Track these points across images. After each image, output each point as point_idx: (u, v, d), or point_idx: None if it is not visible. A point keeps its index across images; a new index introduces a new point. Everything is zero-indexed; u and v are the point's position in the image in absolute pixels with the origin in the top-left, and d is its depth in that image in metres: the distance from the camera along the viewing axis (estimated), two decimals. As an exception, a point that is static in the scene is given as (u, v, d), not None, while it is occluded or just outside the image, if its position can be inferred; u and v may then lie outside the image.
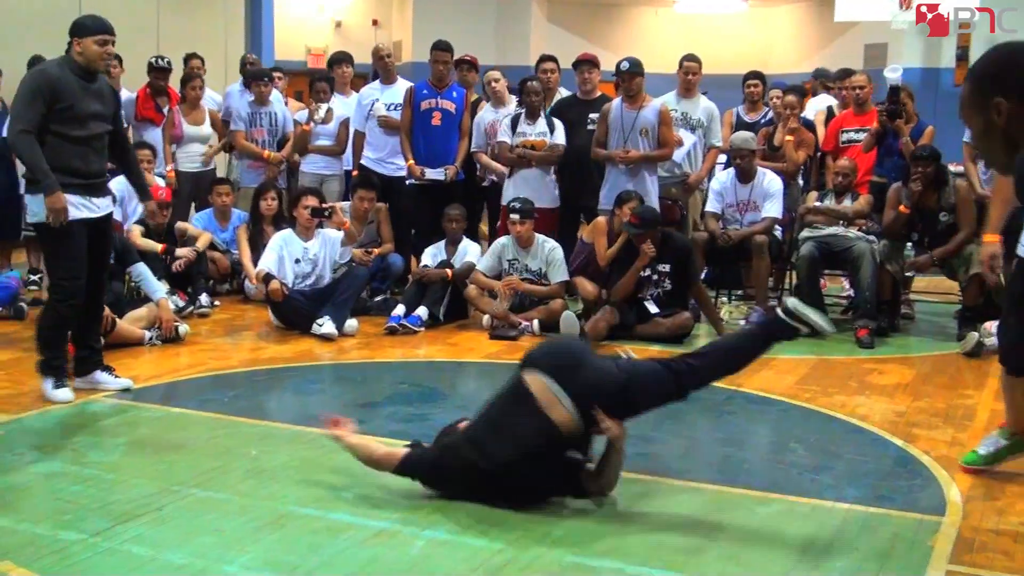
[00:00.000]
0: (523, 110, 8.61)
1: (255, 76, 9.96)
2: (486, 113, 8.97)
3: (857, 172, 8.41)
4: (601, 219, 8.06)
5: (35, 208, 5.49)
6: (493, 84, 9.16)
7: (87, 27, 5.54)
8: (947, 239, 7.74)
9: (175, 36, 12.37)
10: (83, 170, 5.52)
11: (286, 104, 10.22)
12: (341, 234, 7.91)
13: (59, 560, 3.59)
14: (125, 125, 9.56)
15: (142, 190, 6.24)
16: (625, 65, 8.16)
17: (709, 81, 9.19)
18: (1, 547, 3.69)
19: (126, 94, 9.84)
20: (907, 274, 8.19)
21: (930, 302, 9.12)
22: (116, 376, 5.93)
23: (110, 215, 5.88)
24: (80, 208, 5.52)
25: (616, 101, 8.32)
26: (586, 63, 8.93)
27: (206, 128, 9.80)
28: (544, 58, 9.48)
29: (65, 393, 5.57)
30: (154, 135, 9.60)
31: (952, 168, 8.00)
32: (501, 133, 8.60)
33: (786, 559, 3.76)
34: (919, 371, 6.88)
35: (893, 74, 8.69)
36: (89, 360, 5.88)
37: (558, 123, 8.54)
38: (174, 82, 10.04)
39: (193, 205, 9.74)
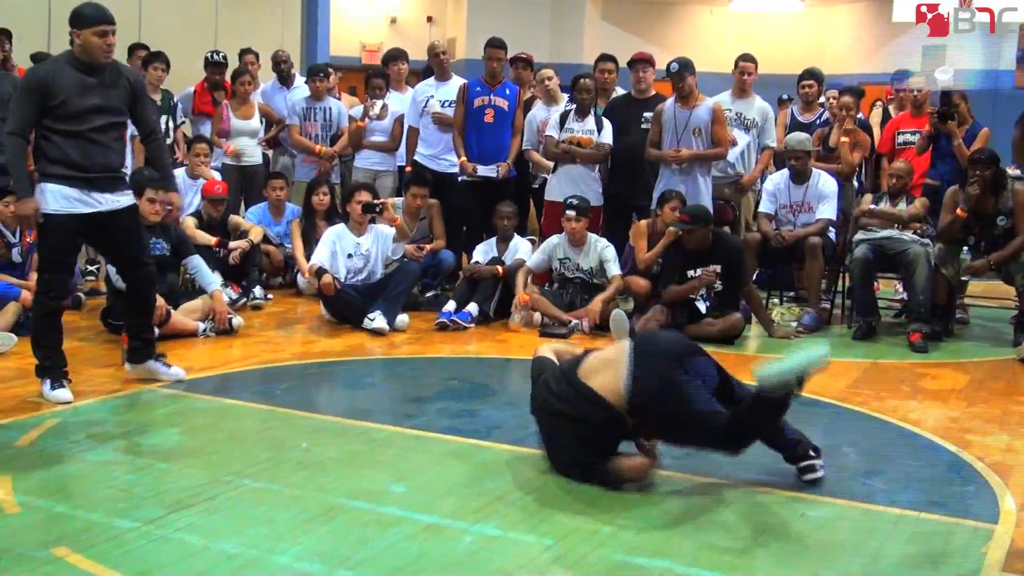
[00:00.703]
0: (573, 106, 8.60)
1: (311, 72, 10.05)
2: (538, 111, 8.98)
3: (913, 175, 8.31)
4: (642, 222, 8.05)
5: (40, 199, 5.36)
6: (546, 82, 9.16)
7: (86, 17, 5.34)
8: (1004, 243, 7.63)
9: (232, 32, 12.47)
10: (82, 163, 5.36)
11: (339, 99, 10.29)
12: (393, 230, 7.94)
13: (114, 547, 3.64)
14: (183, 119, 9.74)
15: (165, 180, 6.18)
16: (675, 67, 8.11)
17: (763, 81, 9.12)
18: (57, 533, 3.74)
19: (186, 89, 9.99)
20: (962, 278, 8.09)
21: (986, 307, 9.00)
22: (169, 366, 5.98)
23: (127, 209, 5.65)
24: (74, 203, 5.38)
25: (669, 101, 8.29)
26: (641, 62, 8.89)
27: (255, 122, 9.87)
28: (603, 57, 9.43)
29: (64, 393, 5.45)
30: (211, 129, 9.71)
31: (1011, 171, 7.88)
32: (549, 128, 8.60)
33: (836, 564, 3.73)
34: (973, 376, 6.79)
35: (944, 76, 8.62)
36: (143, 351, 5.91)
37: (606, 122, 8.52)
38: (227, 77, 10.14)
39: (242, 199, 9.82)
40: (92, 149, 5.41)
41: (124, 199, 5.64)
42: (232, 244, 8.39)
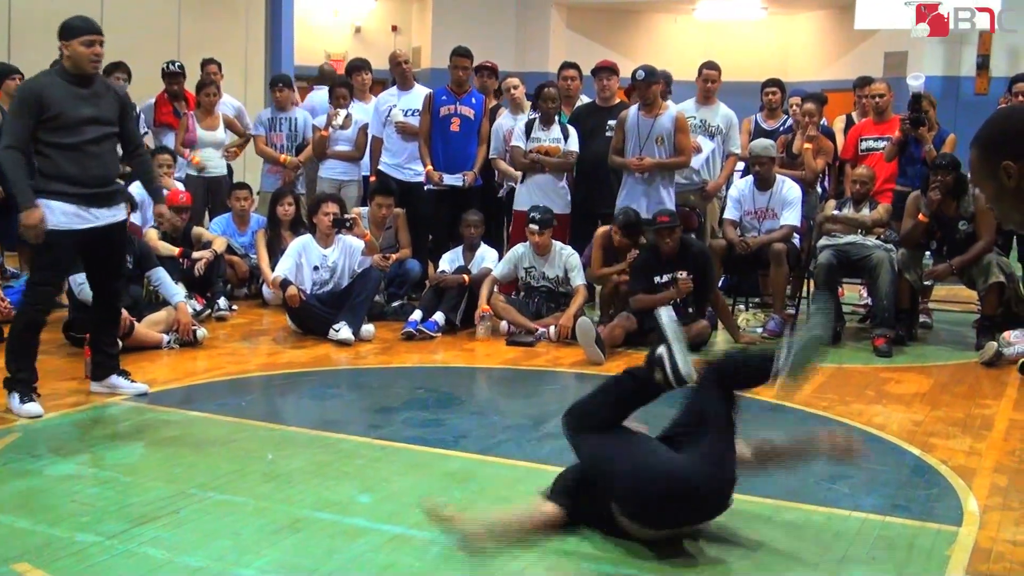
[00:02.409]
0: (538, 115, 8.62)
1: (272, 82, 10.04)
2: (504, 120, 9.00)
3: (875, 180, 8.38)
4: (603, 229, 8.07)
5: (46, 213, 5.33)
6: (512, 91, 9.18)
7: (73, 28, 5.36)
8: (966, 248, 7.71)
9: (195, 41, 12.42)
10: (80, 178, 5.35)
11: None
12: (361, 243, 7.94)
13: (76, 562, 3.61)
14: (145, 130, 9.67)
15: (154, 193, 6.16)
16: (640, 74, 8.15)
17: (727, 88, 9.18)
18: (19, 548, 3.71)
19: (147, 100, 9.93)
20: (925, 283, 8.17)
21: (948, 311, 9.09)
22: (132, 381, 5.94)
23: (120, 224, 5.69)
24: (73, 219, 5.36)
25: (633, 108, 8.32)
26: (605, 70, 8.93)
27: (220, 133, 9.84)
28: (567, 65, 9.48)
29: (34, 408, 5.40)
30: (173, 140, 9.66)
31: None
32: (515, 138, 8.62)
33: (802, 568, 3.75)
34: (937, 380, 6.86)
35: (915, 82, 8.66)
36: (106, 365, 5.88)
37: (572, 130, 8.56)
38: (191, 87, 10.09)
39: (207, 210, 9.78)
40: (89, 162, 5.41)
41: (120, 213, 5.67)
42: (196, 255, 8.34)
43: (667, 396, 4.09)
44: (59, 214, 5.33)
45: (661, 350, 3.97)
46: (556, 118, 8.60)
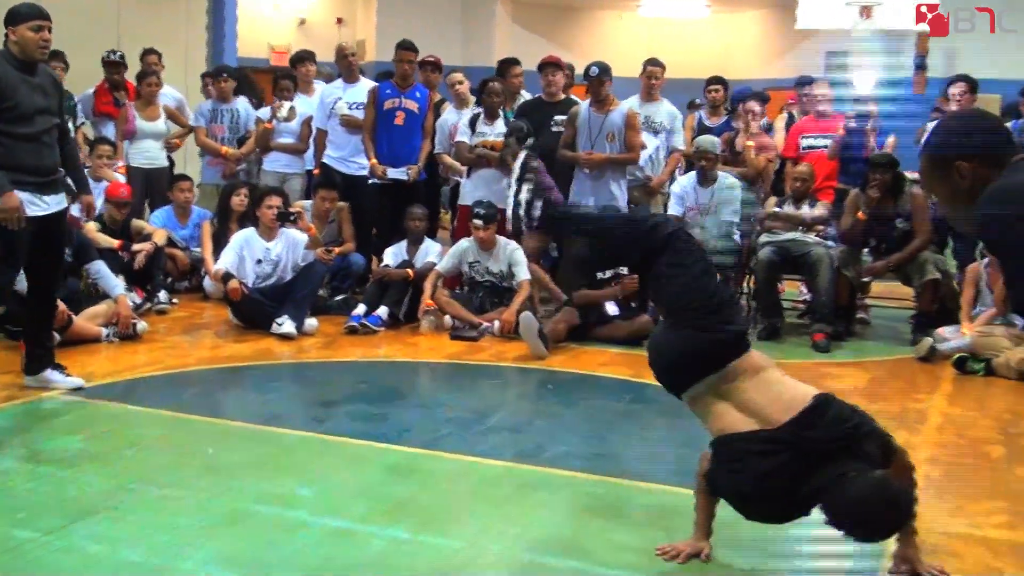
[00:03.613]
0: (482, 110, 8.63)
1: (213, 73, 9.95)
2: (449, 115, 8.99)
3: (815, 178, 8.48)
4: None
5: None
6: (456, 86, 9.17)
7: (20, 14, 5.32)
8: (903, 245, 7.83)
9: (136, 32, 12.26)
10: (35, 167, 5.35)
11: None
12: (305, 237, 7.91)
13: (13, 559, 3.56)
14: (84, 120, 9.55)
15: (81, 184, 6.10)
16: (594, 70, 8.19)
17: (671, 85, 9.24)
18: (-46, 544, 3.66)
19: (87, 90, 9.80)
20: (863, 279, 8.28)
21: (885, 307, 9.21)
22: (68, 375, 5.86)
23: (63, 211, 5.69)
24: (29, 206, 5.35)
25: (584, 104, 8.35)
26: (551, 66, 8.95)
27: (160, 124, 9.73)
28: (511, 61, 9.45)
29: None
30: (113, 130, 9.54)
31: (909, 175, 8.10)
32: (460, 133, 8.62)
33: (745, 559, 3.79)
34: (874, 375, 6.96)
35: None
36: (40, 358, 5.80)
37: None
38: (132, 78, 9.97)
39: (147, 202, 9.68)
40: (43, 152, 5.41)
41: (63, 202, 5.65)
42: (136, 247, 8.25)
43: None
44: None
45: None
46: (501, 112, 8.61)
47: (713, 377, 3.59)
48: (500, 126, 8.52)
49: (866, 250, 8.22)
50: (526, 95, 9.38)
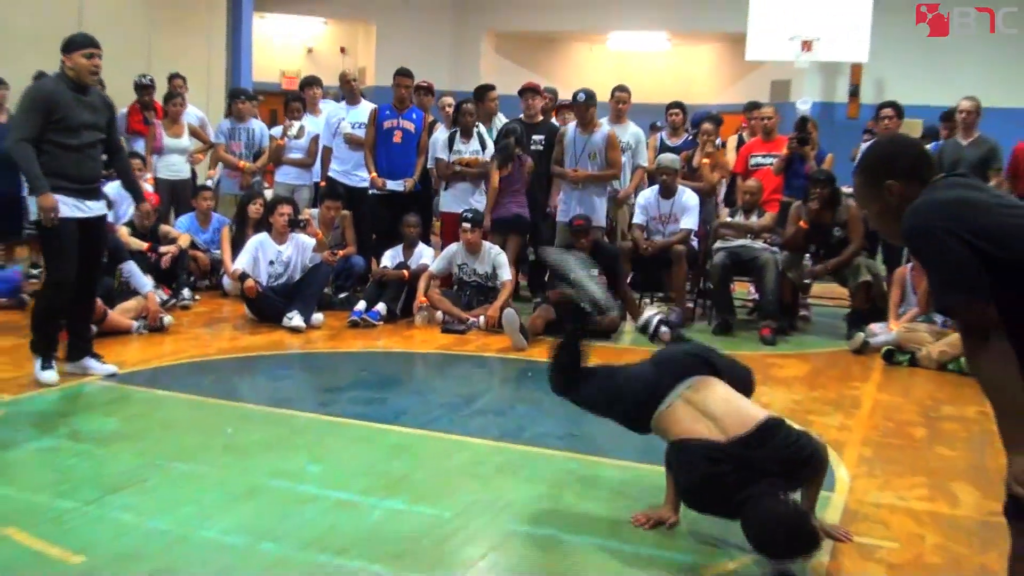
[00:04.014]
0: (457, 129, 8.62)
1: (233, 94, 9.91)
2: (440, 133, 8.95)
3: (763, 192, 8.50)
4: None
5: (35, 208, 5.41)
6: (447, 108, 9.15)
7: (75, 43, 5.48)
8: (839, 251, 7.86)
9: (164, 57, 12.20)
10: (77, 175, 5.42)
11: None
12: (313, 241, 7.91)
13: (56, 526, 3.56)
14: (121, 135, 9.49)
15: (137, 194, 6.16)
16: (581, 97, 8.17)
17: (636, 109, 9.24)
18: (5, 514, 3.64)
19: (120, 110, 9.73)
20: (805, 281, 8.31)
21: (824, 306, 9.26)
22: (103, 362, 5.85)
23: (103, 217, 5.75)
24: (73, 209, 5.41)
25: (571, 125, 8.34)
26: (530, 91, 8.95)
27: (185, 140, 9.70)
28: (488, 87, 9.41)
29: (51, 375, 5.47)
30: (143, 146, 9.50)
31: (845, 189, 8.13)
32: (439, 150, 8.61)
33: (701, 530, 3.80)
34: (814, 365, 6.99)
35: (804, 106, 8.80)
36: (80, 347, 5.80)
37: (488, 141, 8.55)
38: (160, 99, 9.92)
39: (173, 209, 9.63)
40: (84, 162, 5.47)
41: (103, 208, 5.73)
42: (163, 249, 8.22)
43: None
44: (62, 205, 5.37)
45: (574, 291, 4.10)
46: (474, 131, 8.59)
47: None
48: (474, 143, 8.52)
49: (807, 255, 8.24)
50: (501, 117, 9.35)
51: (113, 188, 7.52)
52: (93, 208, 5.57)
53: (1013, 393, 2.46)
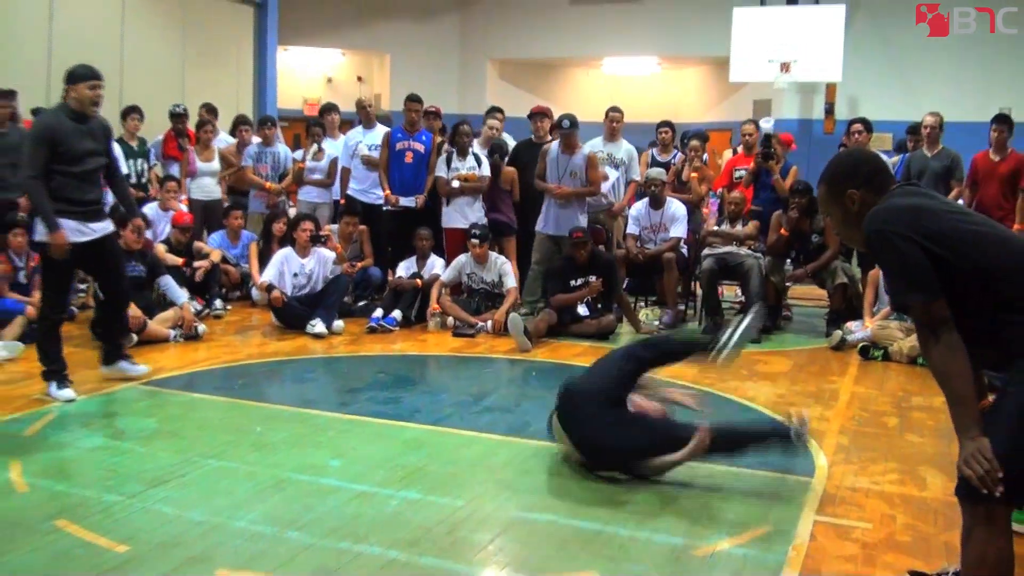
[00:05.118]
0: (454, 149, 8.63)
1: (261, 122, 9.97)
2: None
3: (746, 203, 8.51)
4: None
5: (40, 229, 5.33)
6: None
7: (79, 75, 5.36)
8: (818, 256, 7.87)
9: (196, 88, 12.28)
10: (79, 199, 5.35)
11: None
12: (333, 254, 7.96)
13: (104, 518, 3.59)
14: (155, 162, 9.56)
15: (130, 208, 6.10)
16: (566, 124, 8.16)
17: (628, 128, 9.25)
18: (58, 507, 3.69)
19: (157, 136, 9.80)
20: (787, 284, 8.31)
21: (804, 306, 9.25)
22: (135, 363, 5.89)
23: (109, 235, 5.62)
24: (75, 233, 5.33)
25: (554, 144, 8.33)
26: (539, 114, 8.94)
27: (215, 164, 9.73)
28: (494, 109, 9.46)
29: (68, 392, 5.37)
30: (178, 169, 9.53)
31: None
32: (438, 169, 8.60)
33: (690, 512, 3.83)
34: (796, 362, 6.99)
35: (767, 124, 8.81)
36: (113, 353, 5.83)
37: (484, 159, 8.55)
38: (192, 126, 9.97)
39: (205, 227, 9.66)
40: (86, 187, 5.40)
41: (109, 226, 5.63)
42: (196, 264, 8.26)
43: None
44: (65, 230, 5.28)
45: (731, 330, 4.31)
46: (469, 150, 8.58)
47: None
48: (470, 161, 8.49)
49: (788, 260, 8.25)
50: (508, 137, 9.35)
51: (151, 209, 7.57)
52: (96, 229, 5.48)
53: (961, 382, 2.50)
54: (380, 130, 9.14)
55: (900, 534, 3.68)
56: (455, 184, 8.38)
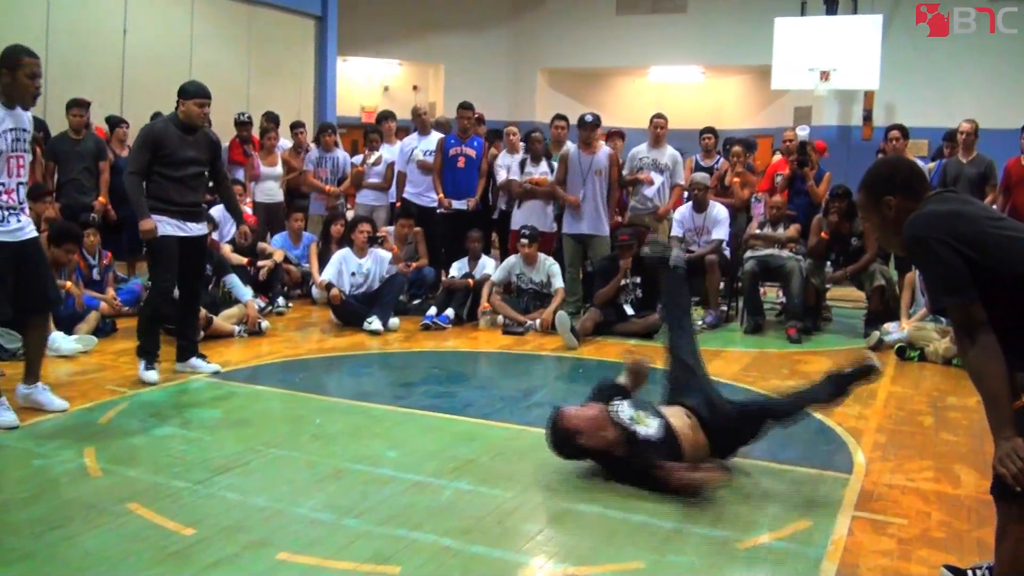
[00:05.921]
0: (528, 155, 8.63)
1: (322, 129, 10.05)
2: (503, 158, 8.94)
3: (787, 206, 8.41)
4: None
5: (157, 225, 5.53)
6: (510, 136, 9.13)
7: (189, 92, 5.61)
8: (857, 259, 7.75)
9: (261, 98, 12.44)
10: (178, 200, 5.56)
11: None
12: (389, 254, 8.02)
13: (172, 502, 3.64)
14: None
15: (237, 216, 6.27)
16: (589, 118, 8.13)
17: (673, 134, 9.19)
18: (130, 491, 3.74)
19: (224, 143, 9.91)
20: (826, 286, 8.20)
21: (844, 308, 9.12)
22: (208, 362, 5.96)
23: (204, 236, 5.85)
24: (174, 228, 5.55)
25: (573, 147, 8.27)
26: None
27: (278, 169, 9.82)
28: (557, 116, 9.39)
29: (153, 375, 5.54)
30: (243, 174, 9.64)
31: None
32: (511, 173, 8.62)
33: (735, 505, 3.79)
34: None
35: (802, 132, 8.72)
36: (188, 349, 5.91)
37: (556, 166, 8.54)
38: (256, 133, 10.08)
39: (268, 229, 9.76)
40: (185, 191, 5.61)
41: (204, 228, 5.85)
42: (260, 263, 8.36)
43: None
44: (165, 225, 5.53)
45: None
46: (543, 156, 8.59)
47: None
48: (543, 166, 8.50)
49: (828, 263, 8.14)
50: (569, 145, 9.30)
51: (218, 211, 7.68)
52: (193, 229, 5.69)
53: (996, 383, 2.46)
54: (434, 136, 9.17)
55: (935, 530, 3.61)
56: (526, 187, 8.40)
